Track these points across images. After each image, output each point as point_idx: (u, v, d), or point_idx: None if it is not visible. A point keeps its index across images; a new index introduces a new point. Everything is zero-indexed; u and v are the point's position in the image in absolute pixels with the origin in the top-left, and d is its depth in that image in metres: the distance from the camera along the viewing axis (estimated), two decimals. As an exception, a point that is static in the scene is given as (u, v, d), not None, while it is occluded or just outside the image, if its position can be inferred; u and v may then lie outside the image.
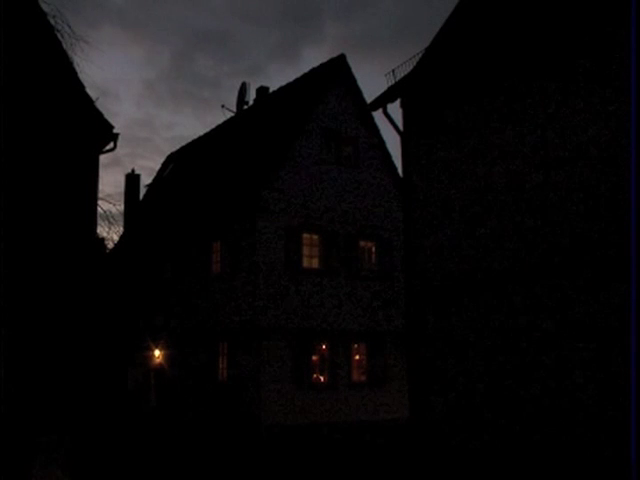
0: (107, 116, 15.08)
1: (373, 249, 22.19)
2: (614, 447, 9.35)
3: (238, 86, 27.14)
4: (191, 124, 74.87)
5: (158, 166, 33.09)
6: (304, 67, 79.07)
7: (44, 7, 14.16)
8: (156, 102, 74.17)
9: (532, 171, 11.07)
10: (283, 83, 25.49)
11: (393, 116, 13.85)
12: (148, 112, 72.38)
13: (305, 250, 20.70)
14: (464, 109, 12.54)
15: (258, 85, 27.56)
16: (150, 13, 79.83)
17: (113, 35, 72.73)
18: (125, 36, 75.42)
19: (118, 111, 70.46)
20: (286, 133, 21.51)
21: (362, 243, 21.92)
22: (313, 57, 76.57)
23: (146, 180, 38.71)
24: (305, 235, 20.71)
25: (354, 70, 21.94)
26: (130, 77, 77.32)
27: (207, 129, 39.65)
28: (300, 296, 20.16)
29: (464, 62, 12.65)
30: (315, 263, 20.84)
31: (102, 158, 15.19)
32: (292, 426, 19.02)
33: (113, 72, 70.87)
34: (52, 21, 14.17)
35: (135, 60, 76.58)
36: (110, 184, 70.66)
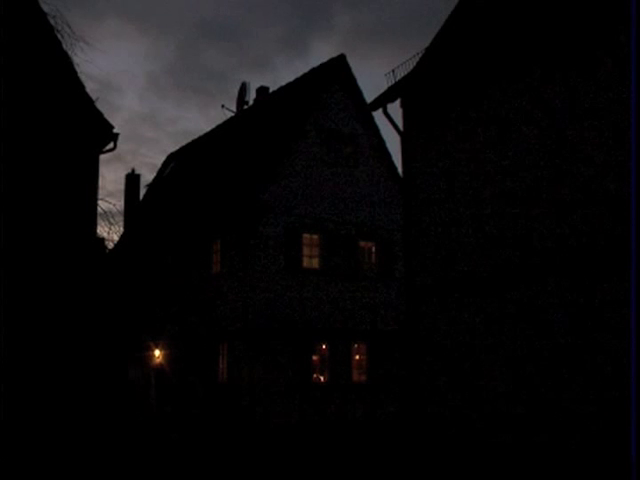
0: (109, 110, 15.28)
1: (373, 249, 22.20)
2: (612, 432, 9.36)
3: (244, 79, 27.19)
4: (195, 118, 74.53)
5: (160, 162, 33.07)
6: (312, 59, 78.68)
7: (44, 7, 14.18)
8: (160, 96, 74.02)
9: (531, 172, 11.07)
10: (290, 75, 25.68)
11: (393, 116, 13.87)
12: (152, 106, 72.20)
13: (305, 250, 20.71)
14: (464, 109, 12.54)
15: (262, 81, 27.94)
16: (155, 4, 79.59)
17: (118, 27, 72.63)
18: (130, 28, 75.27)
19: (121, 105, 70.27)
20: (286, 133, 21.51)
21: (362, 243, 21.93)
22: (321, 49, 76.16)
23: (148, 175, 38.73)
24: (305, 235, 20.72)
25: (363, 63, 22.07)
26: (134, 70, 77.01)
27: (211, 124, 39.79)
28: (300, 296, 20.15)
29: (464, 62, 12.65)
30: (315, 263, 20.85)
31: (103, 155, 15.22)
32: (292, 425, 19.03)
33: (117, 65, 70.64)
34: (52, 21, 14.19)
35: (139, 52, 76.20)
36: (112, 181, 70.42)
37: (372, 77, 28.22)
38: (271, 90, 26.48)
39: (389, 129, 13.79)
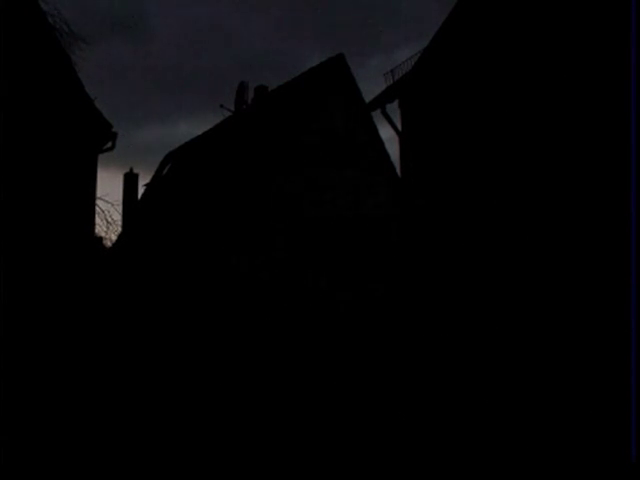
0: (105, 113, 15.07)
1: (370, 250, 22.13)
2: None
3: (238, 81, 27.16)
4: (191, 121, 74.27)
5: (157, 164, 32.99)
6: (307, 62, 78.59)
7: (43, 6, 14.20)
8: (156, 97, 73.73)
9: (529, 172, 11.10)
10: (286, 77, 25.54)
11: (392, 115, 13.89)
12: (148, 107, 71.97)
13: (303, 251, 20.69)
14: (462, 110, 12.56)
15: (258, 82, 27.50)
16: (150, 5, 79.20)
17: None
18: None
19: (117, 107, 69.97)
20: (284, 133, 21.50)
21: (359, 243, 21.87)
22: (317, 50, 75.84)
23: (145, 176, 38.54)
24: (302, 236, 20.70)
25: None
26: (129, 71, 76.67)
27: (207, 125, 39.62)
28: (299, 296, 20.17)
29: (462, 63, 12.67)
30: (312, 264, 20.83)
31: (100, 156, 15.22)
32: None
33: (112, 66, 70.34)
34: (51, 20, 14.22)
35: (134, 53, 75.75)
36: (108, 182, 70.13)
37: (373, 73, 28.17)
38: (270, 89, 26.43)
39: (388, 128, 13.95)
